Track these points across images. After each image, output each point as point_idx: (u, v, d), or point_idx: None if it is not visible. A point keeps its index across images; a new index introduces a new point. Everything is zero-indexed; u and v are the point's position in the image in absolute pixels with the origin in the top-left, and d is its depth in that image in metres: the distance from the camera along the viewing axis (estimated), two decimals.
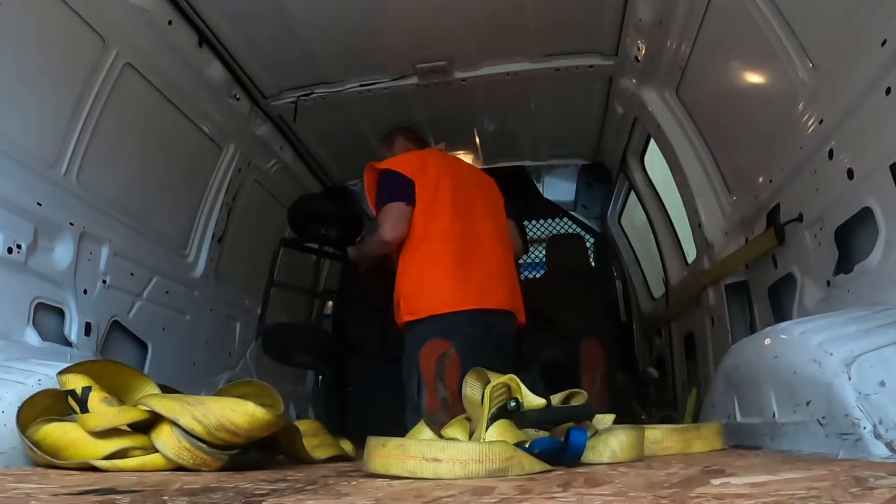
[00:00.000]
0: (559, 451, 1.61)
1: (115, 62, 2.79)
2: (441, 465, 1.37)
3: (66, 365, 1.88)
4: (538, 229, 5.88)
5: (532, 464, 1.47)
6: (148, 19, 2.88)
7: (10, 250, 2.31)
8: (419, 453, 1.40)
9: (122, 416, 1.75)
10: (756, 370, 1.98)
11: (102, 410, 1.74)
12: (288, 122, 4.15)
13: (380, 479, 1.39)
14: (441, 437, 1.92)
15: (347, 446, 2.44)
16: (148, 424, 1.78)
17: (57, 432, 1.76)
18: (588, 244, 5.51)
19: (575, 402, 1.89)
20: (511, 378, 1.76)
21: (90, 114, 2.72)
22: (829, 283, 2.18)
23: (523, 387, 1.75)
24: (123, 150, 3.02)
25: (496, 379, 1.77)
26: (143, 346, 3.15)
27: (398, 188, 3.05)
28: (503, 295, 2.99)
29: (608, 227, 5.51)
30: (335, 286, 5.48)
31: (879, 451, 1.41)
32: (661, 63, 3.29)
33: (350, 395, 5.29)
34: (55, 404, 1.86)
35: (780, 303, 2.64)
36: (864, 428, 1.44)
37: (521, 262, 4.21)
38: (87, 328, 2.67)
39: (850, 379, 1.50)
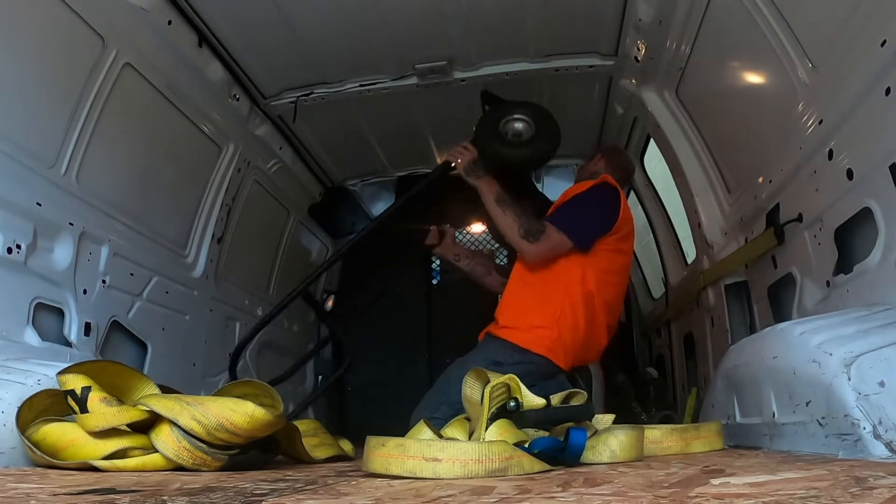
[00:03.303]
0: (559, 450, 1.62)
1: (115, 62, 2.79)
2: (441, 465, 1.37)
3: (65, 365, 1.88)
4: None
5: (532, 464, 1.47)
6: (148, 19, 2.88)
7: (9, 250, 2.31)
8: (419, 453, 1.40)
9: (121, 416, 1.75)
10: (755, 370, 1.98)
11: (102, 410, 1.74)
12: (288, 122, 4.14)
13: (379, 479, 1.39)
14: (441, 436, 1.92)
15: (347, 446, 2.44)
16: (147, 424, 1.78)
17: (56, 432, 1.76)
18: None
19: (575, 402, 1.89)
20: (511, 378, 1.76)
21: (90, 114, 2.72)
22: (828, 284, 2.18)
23: (523, 386, 1.75)
24: (123, 150, 3.02)
25: (496, 379, 1.77)
26: (142, 346, 3.15)
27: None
28: None
29: None
30: (334, 287, 5.50)
31: (879, 451, 1.41)
32: (660, 63, 3.29)
33: (350, 395, 5.29)
34: (55, 404, 1.86)
35: (780, 303, 2.64)
36: (864, 428, 1.44)
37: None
38: (87, 328, 2.67)
39: (849, 379, 1.50)
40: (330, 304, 5.45)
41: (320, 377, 5.35)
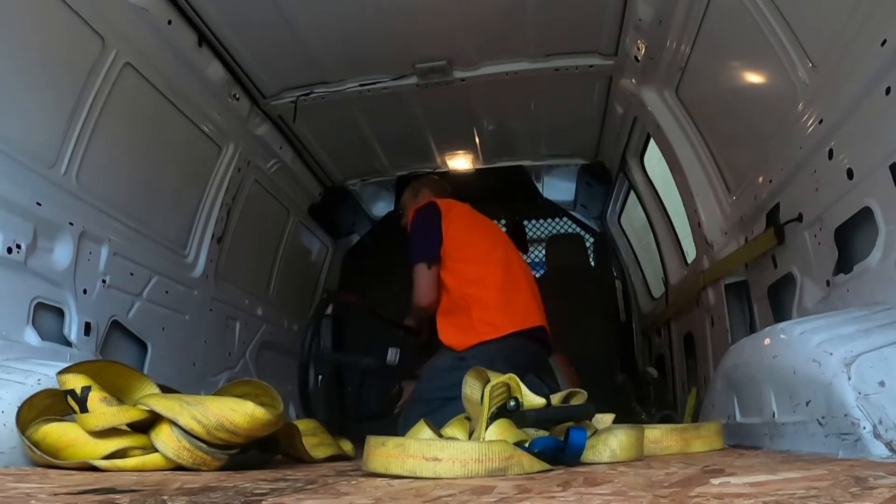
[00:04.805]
0: (559, 450, 1.62)
1: (115, 62, 2.79)
2: (441, 465, 1.37)
3: (65, 365, 1.88)
4: (538, 229, 5.88)
5: (532, 463, 1.47)
6: (148, 19, 2.89)
7: (9, 250, 2.31)
8: (419, 452, 1.40)
9: (121, 415, 1.75)
10: (755, 370, 1.98)
11: (102, 410, 1.73)
12: (288, 122, 4.15)
13: (379, 479, 1.39)
14: (441, 436, 1.92)
15: (347, 446, 2.43)
16: (147, 424, 1.78)
17: (56, 432, 1.76)
18: (588, 244, 5.52)
19: (575, 402, 1.89)
20: (511, 377, 1.76)
21: (90, 114, 2.72)
22: (828, 283, 2.18)
23: (523, 386, 1.75)
24: (123, 150, 3.02)
25: (496, 378, 1.77)
26: (142, 346, 3.15)
27: None
28: None
29: (608, 227, 5.51)
30: (334, 287, 5.50)
31: (879, 451, 1.41)
32: (660, 63, 3.29)
33: (350, 395, 5.28)
34: (55, 404, 1.86)
35: (780, 303, 2.64)
36: (864, 428, 1.44)
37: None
38: (87, 328, 2.67)
39: (849, 379, 1.50)
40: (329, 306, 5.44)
41: (320, 377, 5.34)
